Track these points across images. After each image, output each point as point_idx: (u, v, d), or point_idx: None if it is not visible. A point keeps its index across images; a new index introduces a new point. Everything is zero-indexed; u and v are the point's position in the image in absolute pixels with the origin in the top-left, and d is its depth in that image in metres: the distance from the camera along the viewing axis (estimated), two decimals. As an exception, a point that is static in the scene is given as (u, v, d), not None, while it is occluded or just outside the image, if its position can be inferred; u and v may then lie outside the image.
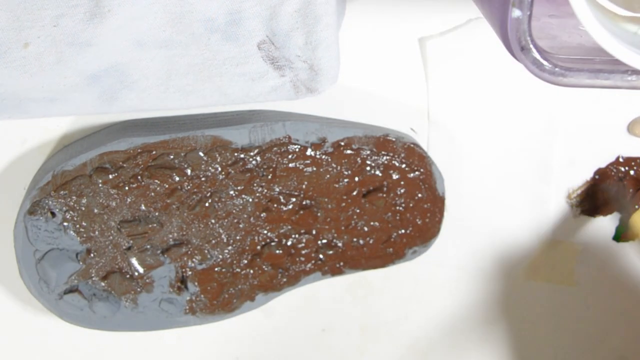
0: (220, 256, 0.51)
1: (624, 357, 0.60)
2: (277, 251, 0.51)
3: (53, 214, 0.48)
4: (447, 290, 0.57)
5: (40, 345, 0.55)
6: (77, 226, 0.49)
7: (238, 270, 0.51)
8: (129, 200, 0.48)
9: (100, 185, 0.48)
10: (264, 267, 0.51)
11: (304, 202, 0.50)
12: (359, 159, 0.50)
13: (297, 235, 0.51)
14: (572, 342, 0.59)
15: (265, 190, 0.50)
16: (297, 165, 0.50)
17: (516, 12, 0.35)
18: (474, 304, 0.58)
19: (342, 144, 0.50)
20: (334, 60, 0.45)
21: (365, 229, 0.52)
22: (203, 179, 0.49)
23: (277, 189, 0.50)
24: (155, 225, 0.49)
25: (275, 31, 0.44)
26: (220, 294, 0.51)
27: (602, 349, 0.60)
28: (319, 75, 0.46)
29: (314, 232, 0.51)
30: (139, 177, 0.48)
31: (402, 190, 0.51)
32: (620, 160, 0.54)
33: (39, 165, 0.51)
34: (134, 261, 0.50)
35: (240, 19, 0.44)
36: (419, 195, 0.52)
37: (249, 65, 0.45)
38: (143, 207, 0.49)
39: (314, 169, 0.50)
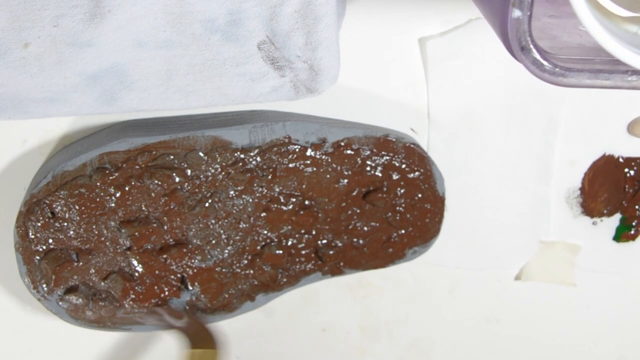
0: (221, 256, 0.51)
1: (624, 357, 0.60)
2: (277, 251, 0.51)
3: (53, 214, 0.48)
4: (447, 290, 0.57)
5: (40, 345, 0.55)
6: (77, 226, 0.49)
7: (238, 270, 0.51)
8: (129, 200, 0.48)
9: (100, 185, 0.48)
10: (264, 267, 0.51)
11: (304, 203, 0.50)
12: (359, 159, 0.50)
13: (297, 236, 0.51)
14: (572, 342, 0.59)
15: (266, 191, 0.50)
16: (297, 166, 0.50)
17: (516, 12, 0.35)
18: (474, 304, 0.58)
19: (342, 144, 0.50)
20: (334, 60, 0.45)
21: (365, 229, 0.52)
22: (203, 179, 0.49)
23: (277, 189, 0.50)
24: (155, 225, 0.49)
25: (276, 31, 0.44)
26: (220, 294, 0.51)
27: (602, 349, 0.60)
28: (319, 75, 0.46)
29: (314, 232, 0.51)
30: (139, 177, 0.48)
31: (402, 191, 0.51)
32: (620, 160, 0.54)
33: (39, 165, 0.51)
34: (134, 261, 0.50)
35: (240, 19, 0.44)
36: (419, 195, 0.52)
37: (249, 65, 0.45)
38: (143, 207, 0.49)
39: (314, 169, 0.50)
